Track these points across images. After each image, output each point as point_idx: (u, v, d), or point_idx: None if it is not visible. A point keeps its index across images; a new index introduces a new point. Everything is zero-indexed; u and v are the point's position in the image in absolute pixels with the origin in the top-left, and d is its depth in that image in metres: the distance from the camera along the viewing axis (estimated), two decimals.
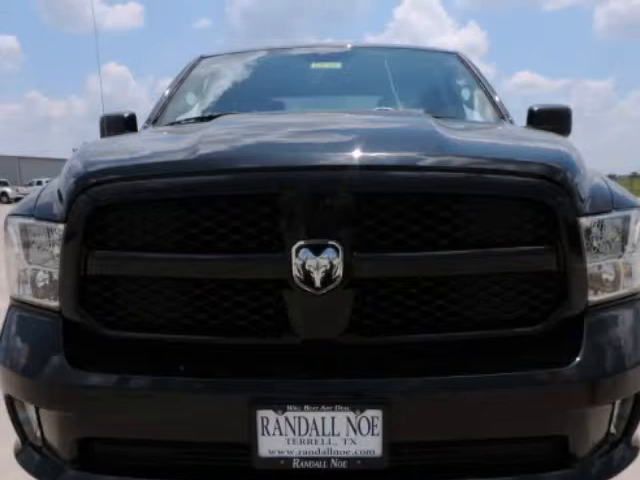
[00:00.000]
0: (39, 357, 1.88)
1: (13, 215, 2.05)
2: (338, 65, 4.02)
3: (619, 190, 2.05)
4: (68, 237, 1.82)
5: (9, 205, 34.24)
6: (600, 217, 1.87)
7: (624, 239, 1.92)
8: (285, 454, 1.72)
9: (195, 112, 3.67)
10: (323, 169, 1.76)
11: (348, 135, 2.00)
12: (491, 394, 1.74)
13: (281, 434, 1.71)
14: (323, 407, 1.69)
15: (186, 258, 1.78)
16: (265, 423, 1.70)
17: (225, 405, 1.75)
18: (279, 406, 1.70)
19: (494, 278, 1.79)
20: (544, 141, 2.26)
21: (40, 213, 1.96)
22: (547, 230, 1.77)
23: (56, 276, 1.87)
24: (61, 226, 1.84)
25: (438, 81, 4.05)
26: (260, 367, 1.79)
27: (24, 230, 1.97)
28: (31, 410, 1.95)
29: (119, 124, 3.45)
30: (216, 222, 1.75)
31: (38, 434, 1.97)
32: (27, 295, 1.98)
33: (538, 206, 1.77)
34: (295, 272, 1.69)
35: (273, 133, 2.24)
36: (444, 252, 1.74)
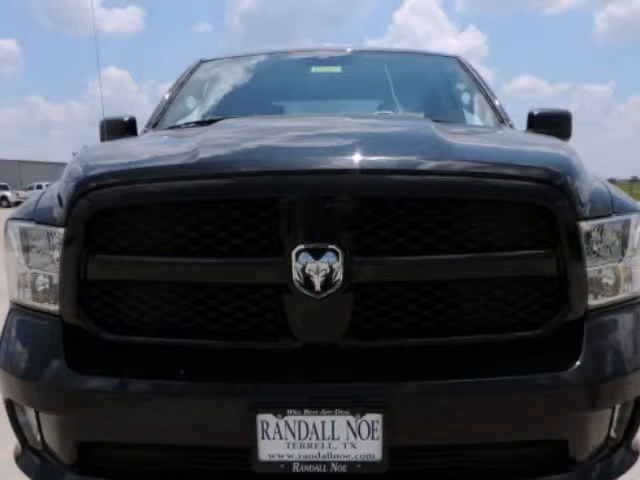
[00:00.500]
0: (39, 361, 1.88)
1: (13, 219, 2.05)
2: (338, 69, 4.02)
3: (619, 194, 2.05)
4: (68, 241, 1.82)
5: (9, 209, 34.25)
6: (600, 221, 1.87)
7: (624, 243, 1.92)
8: (285, 458, 1.72)
9: (195, 116, 3.67)
10: (323, 173, 1.76)
11: (348, 139, 2.01)
12: (491, 398, 1.74)
13: (281, 438, 1.71)
14: (323, 411, 1.69)
15: (186, 262, 1.78)
16: (265, 427, 1.70)
17: (225, 409, 1.75)
18: (279, 410, 1.69)
19: (494, 282, 1.79)
20: (544, 145, 2.26)
21: (40, 217, 1.96)
22: (547, 234, 1.77)
23: (56, 280, 1.87)
24: (61, 230, 1.84)
25: (438, 85, 4.05)
26: (260, 371, 1.79)
27: (24, 234, 1.97)
28: (31, 414, 1.95)
29: (119, 128, 3.45)
30: (216, 226, 1.75)
31: (38, 438, 1.96)
32: (27, 299, 1.98)
33: (538, 210, 1.77)
34: (295, 276, 1.69)
35: (273, 137, 2.24)
36: (444, 256, 1.74)
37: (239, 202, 1.75)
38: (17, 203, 45.94)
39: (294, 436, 1.71)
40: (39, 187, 45.12)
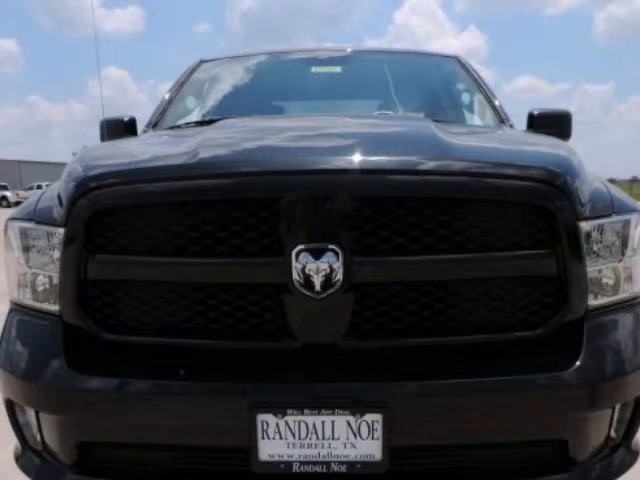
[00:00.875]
0: (39, 361, 1.88)
1: (13, 219, 2.04)
2: (338, 69, 4.02)
3: (619, 194, 2.05)
4: (68, 241, 1.82)
5: (9, 209, 34.23)
6: (600, 221, 1.87)
7: (624, 243, 1.92)
8: (285, 458, 1.72)
9: (195, 116, 3.67)
10: (323, 173, 1.76)
11: (348, 139, 2.01)
12: (491, 398, 1.74)
13: (281, 438, 1.71)
14: (323, 411, 1.69)
15: (186, 262, 1.78)
16: (265, 427, 1.70)
17: (225, 409, 1.75)
18: (279, 410, 1.69)
19: (494, 282, 1.79)
20: (544, 145, 2.26)
21: (40, 217, 1.96)
22: (547, 234, 1.77)
23: (56, 280, 1.87)
24: (61, 230, 1.84)
25: (438, 85, 4.04)
26: (260, 371, 1.79)
27: (24, 234, 1.97)
28: (31, 414, 1.95)
29: (119, 128, 3.45)
30: (216, 226, 1.75)
31: (38, 438, 1.96)
32: (27, 299, 1.98)
33: (538, 210, 1.77)
34: (295, 276, 1.69)
35: (273, 137, 2.24)
36: (444, 256, 1.74)
37: (239, 202, 1.75)
38: (17, 203, 45.94)
39: (294, 436, 1.71)
40: (39, 187, 45.10)
